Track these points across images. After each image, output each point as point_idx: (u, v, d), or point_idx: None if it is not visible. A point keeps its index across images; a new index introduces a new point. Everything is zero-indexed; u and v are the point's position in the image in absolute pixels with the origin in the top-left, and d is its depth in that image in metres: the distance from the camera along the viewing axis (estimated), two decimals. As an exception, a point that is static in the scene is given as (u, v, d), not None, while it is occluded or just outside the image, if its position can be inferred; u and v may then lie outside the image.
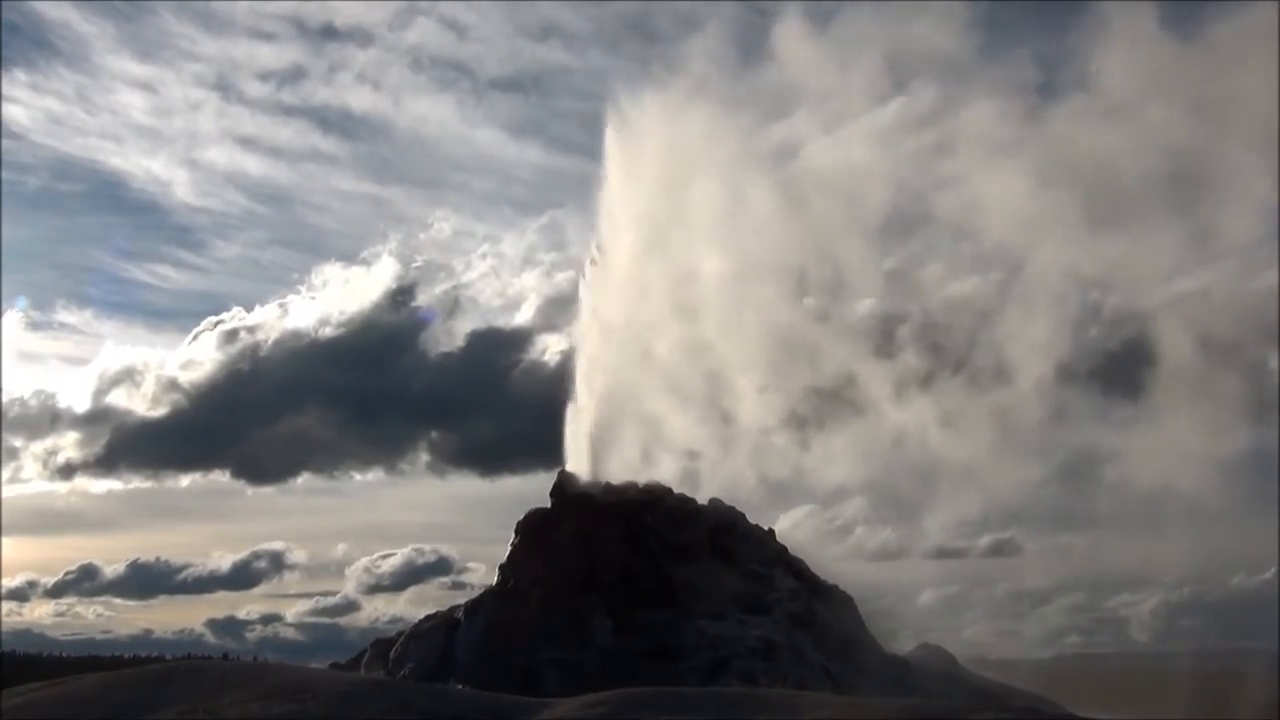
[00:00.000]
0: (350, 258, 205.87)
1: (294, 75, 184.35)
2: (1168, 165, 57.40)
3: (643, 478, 44.66)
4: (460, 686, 33.20)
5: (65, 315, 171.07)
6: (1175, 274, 60.70)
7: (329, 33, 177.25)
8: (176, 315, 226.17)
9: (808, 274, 54.84)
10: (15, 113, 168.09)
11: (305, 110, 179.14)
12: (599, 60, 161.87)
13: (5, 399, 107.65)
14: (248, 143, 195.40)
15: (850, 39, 59.71)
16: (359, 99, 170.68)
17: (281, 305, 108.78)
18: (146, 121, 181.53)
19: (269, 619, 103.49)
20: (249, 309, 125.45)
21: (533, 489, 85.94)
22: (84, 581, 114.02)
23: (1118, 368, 58.73)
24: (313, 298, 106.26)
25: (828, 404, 52.16)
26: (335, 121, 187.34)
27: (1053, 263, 57.94)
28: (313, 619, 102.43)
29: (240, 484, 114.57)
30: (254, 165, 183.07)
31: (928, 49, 62.35)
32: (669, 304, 49.59)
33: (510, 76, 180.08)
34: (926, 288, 64.74)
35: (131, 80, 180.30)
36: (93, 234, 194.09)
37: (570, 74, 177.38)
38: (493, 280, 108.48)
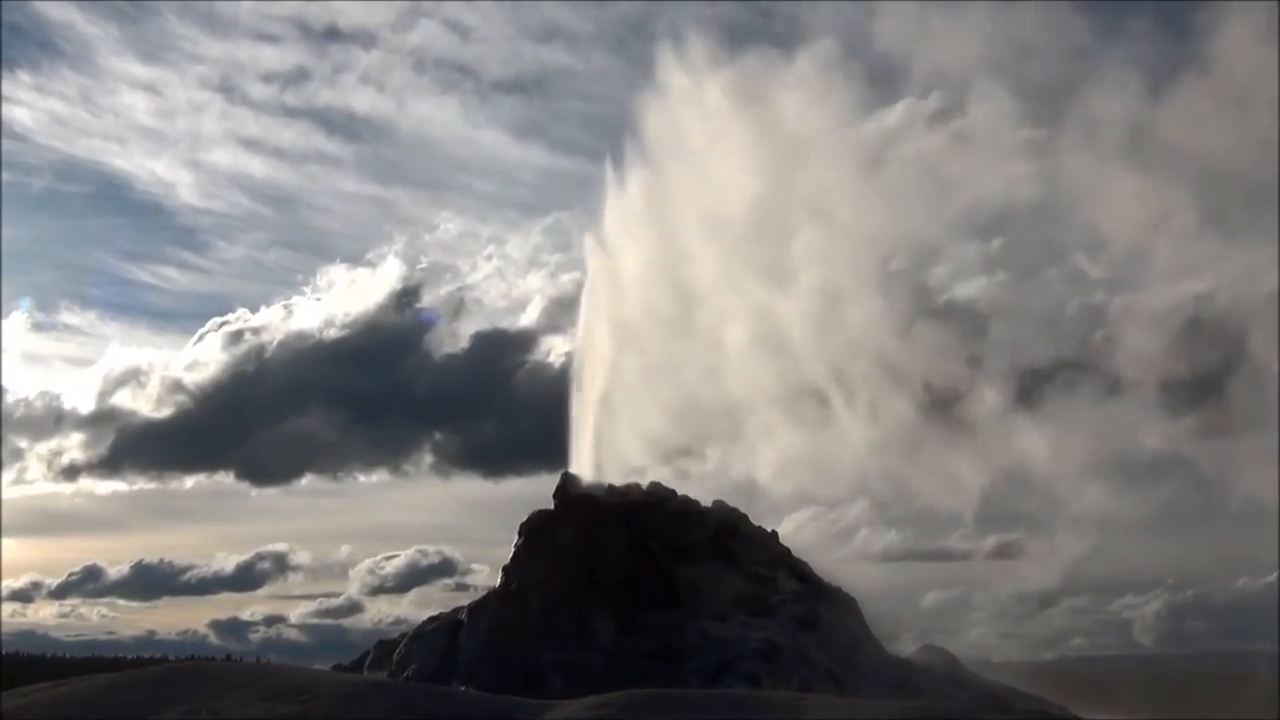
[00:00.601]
0: (355, 259, 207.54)
1: (297, 77, 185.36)
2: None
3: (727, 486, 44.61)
4: (463, 688, 33.22)
5: (69, 316, 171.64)
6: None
7: (332, 34, 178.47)
8: (180, 317, 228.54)
9: (902, 270, 54.05)
10: (19, 114, 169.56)
11: (309, 112, 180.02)
12: (602, 62, 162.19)
13: (10, 400, 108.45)
14: (251, 144, 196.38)
15: (954, 28, 59.14)
16: (362, 100, 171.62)
17: (286, 306, 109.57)
18: (150, 123, 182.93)
19: (272, 620, 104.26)
20: (254, 310, 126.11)
21: (536, 490, 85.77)
22: (88, 583, 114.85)
23: (1219, 373, 56.28)
24: (317, 299, 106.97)
25: (921, 410, 50.35)
26: (339, 123, 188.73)
27: (1163, 262, 57.00)
28: (316, 620, 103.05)
29: (244, 485, 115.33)
30: (257, 167, 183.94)
31: (1037, 39, 61.20)
32: (750, 292, 48.90)
33: (513, 78, 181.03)
34: (1025, 285, 63.47)
35: (135, 82, 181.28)
36: (96, 235, 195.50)
37: (573, 76, 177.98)
38: (497, 282, 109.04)
